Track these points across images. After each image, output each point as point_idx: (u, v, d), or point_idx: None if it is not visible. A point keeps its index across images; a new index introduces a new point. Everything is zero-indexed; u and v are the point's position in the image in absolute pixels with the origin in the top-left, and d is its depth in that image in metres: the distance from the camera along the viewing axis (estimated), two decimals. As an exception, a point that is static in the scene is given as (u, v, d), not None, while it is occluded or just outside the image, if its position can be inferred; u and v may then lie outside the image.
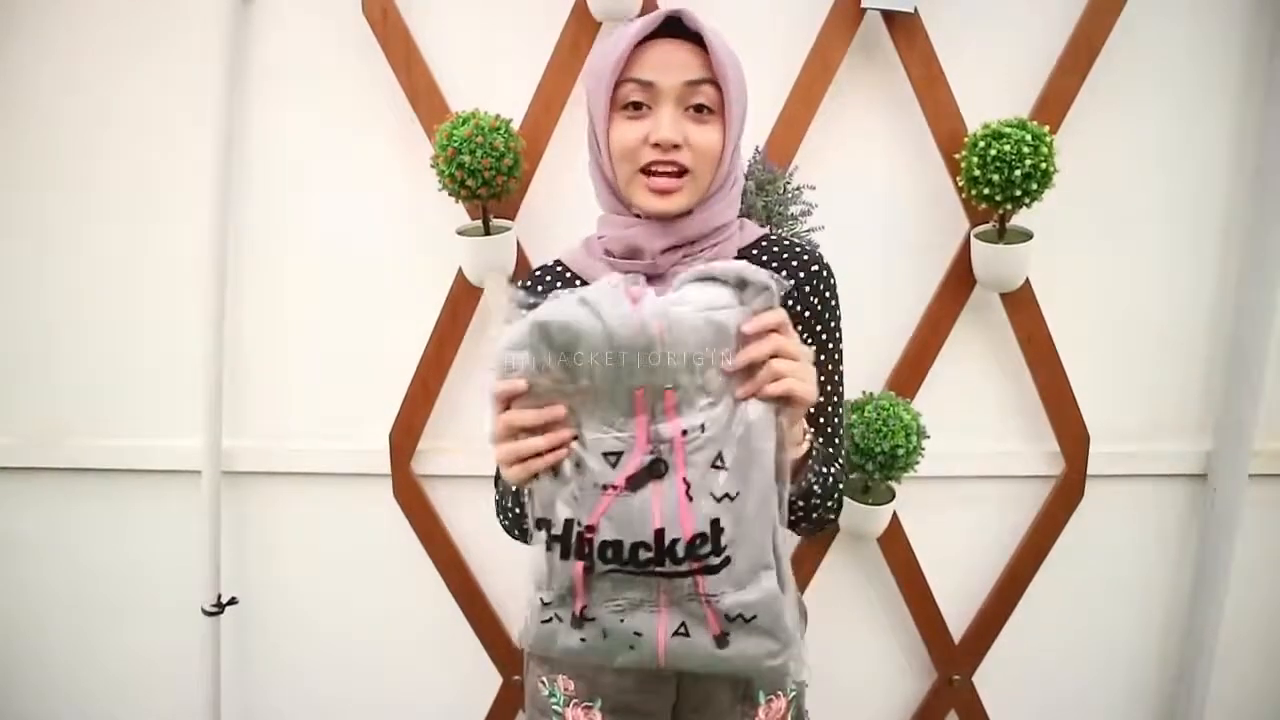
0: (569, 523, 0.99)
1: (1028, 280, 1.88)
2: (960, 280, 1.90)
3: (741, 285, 0.96)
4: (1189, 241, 1.96)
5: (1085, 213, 1.91)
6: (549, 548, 1.00)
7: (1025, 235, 1.80)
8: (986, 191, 1.70)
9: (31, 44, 1.89)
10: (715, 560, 0.98)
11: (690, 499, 0.97)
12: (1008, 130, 1.67)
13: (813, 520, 1.18)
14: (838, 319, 1.24)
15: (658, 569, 0.98)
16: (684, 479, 0.97)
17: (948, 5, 1.81)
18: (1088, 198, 1.90)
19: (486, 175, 1.66)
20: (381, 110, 1.88)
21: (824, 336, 1.21)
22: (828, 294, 1.22)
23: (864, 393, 1.86)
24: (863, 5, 1.75)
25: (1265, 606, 2.15)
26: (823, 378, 1.21)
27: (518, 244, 1.84)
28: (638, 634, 1.02)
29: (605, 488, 0.98)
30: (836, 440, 1.23)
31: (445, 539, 2.03)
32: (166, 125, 1.91)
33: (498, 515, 1.27)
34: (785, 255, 1.23)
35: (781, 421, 0.98)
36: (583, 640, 1.04)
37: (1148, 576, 2.15)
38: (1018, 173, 1.65)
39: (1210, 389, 2.04)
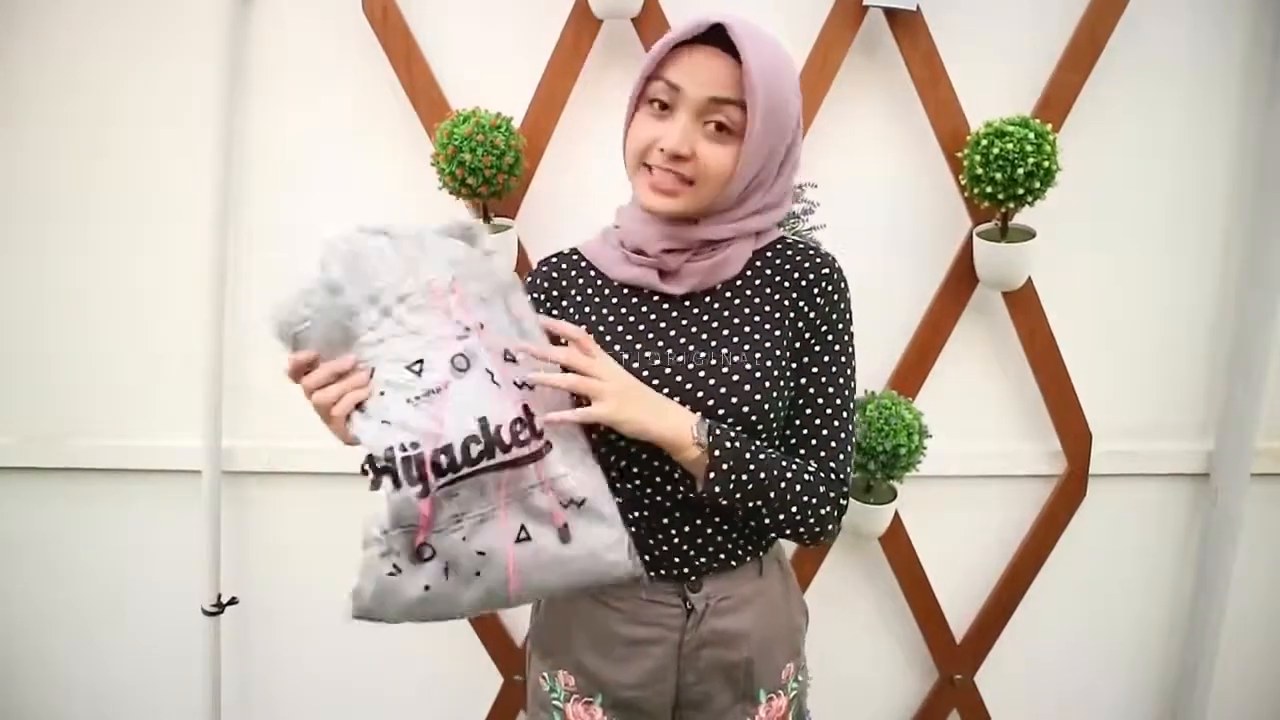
0: (390, 450, 1.02)
1: (1030, 279, 1.87)
2: (962, 279, 1.89)
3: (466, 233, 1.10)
4: (1191, 240, 1.96)
5: (1087, 211, 1.91)
6: (377, 485, 1.03)
7: (1028, 234, 1.80)
8: (989, 190, 1.69)
9: (31, 43, 1.88)
10: (536, 444, 1.02)
11: (498, 385, 1.02)
12: (1010, 128, 1.67)
13: (808, 528, 1.14)
14: (847, 325, 1.22)
15: (489, 462, 1.00)
16: (487, 369, 1.02)
17: (950, 3, 1.81)
18: (1090, 196, 1.90)
19: (487, 174, 1.65)
20: (382, 108, 1.87)
21: (830, 338, 1.20)
22: (836, 298, 1.20)
23: (866, 392, 1.86)
24: (865, 3, 1.75)
25: (1267, 605, 2.15)
26: (826, 382, 1.19)
27: (518, 242, 1.84)
28: (481, 554, 1.03)
29: (423, 395, 1.02)
30: (838, 450, 1.19)
31: (446, 539, 2.02)
32: (167, 124, 1.90)
33: None
34: (798, 258, 1.22)
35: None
36: (426, 588, 1.05)
37: (1150, 576, 2.15)
38: (1020, 171, 1.65)
39: (1212, 388, 2.03)
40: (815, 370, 1.19)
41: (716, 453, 1.08)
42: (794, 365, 1.18)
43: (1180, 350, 2.02)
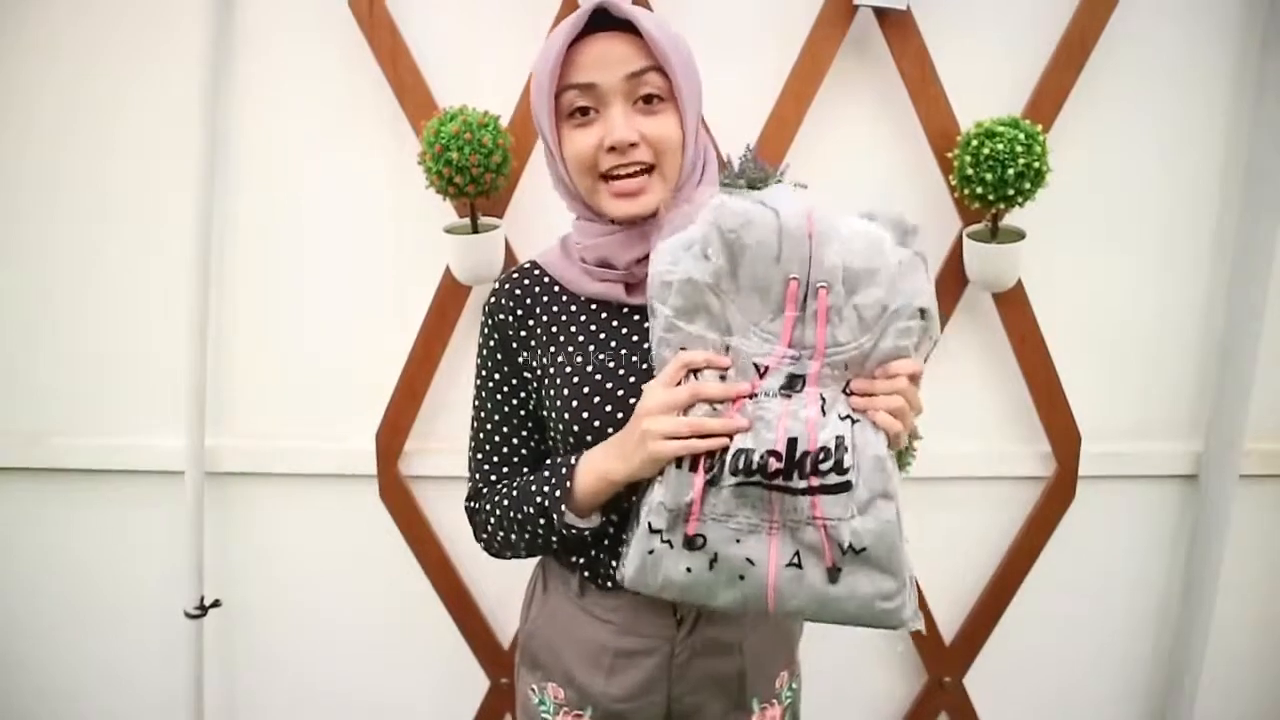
0: None
1: (1020, 280, 1.87)
2: (952, 279, 1.89)
3: (901, 229, 1.01)
4: (1180, 241, 1.96)
5: (1078, 212, 1.91)
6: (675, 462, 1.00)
7: (1018, 235, 1.79)
8: (979, 191, 1.68)
9: (14, 44, 1.86)
10: (837, 478, 0.96)
11: (824, 413, 0.97)
12: (1000, 129, 1.66)
13: None
14: None
15: (783, 483, 0.96)
16: (820, 393, 0.98)
17: (940, 3, 1.80)
18: (1080, 197, 1.89)
19: (475, 172, 1.64)
20: (367, 106, 1.85)
21: None
22: None
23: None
24: (854, 2, 1.74)
25: (1256, 607, 2.15)
26: None
27: (506, 242, 1.82)
28: (750, 561, 1.00)
29: (750, 397, 0.98)
30: None
31: (432, 540, 2.01)
32: (148, 121, 1.88)
33: (480, 534, 1.24)
34: None
35: None
36: (688, 570, 1.01)
37: (1139, 577, 2.15)
38: (1010, 172, 1.64)
39: (1201, 389, 2.03)
40: None
41: None
42: None
43: (1169, 352, 2.01)
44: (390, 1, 1.78)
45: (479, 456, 1.25)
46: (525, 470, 1.23)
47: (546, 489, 1.12)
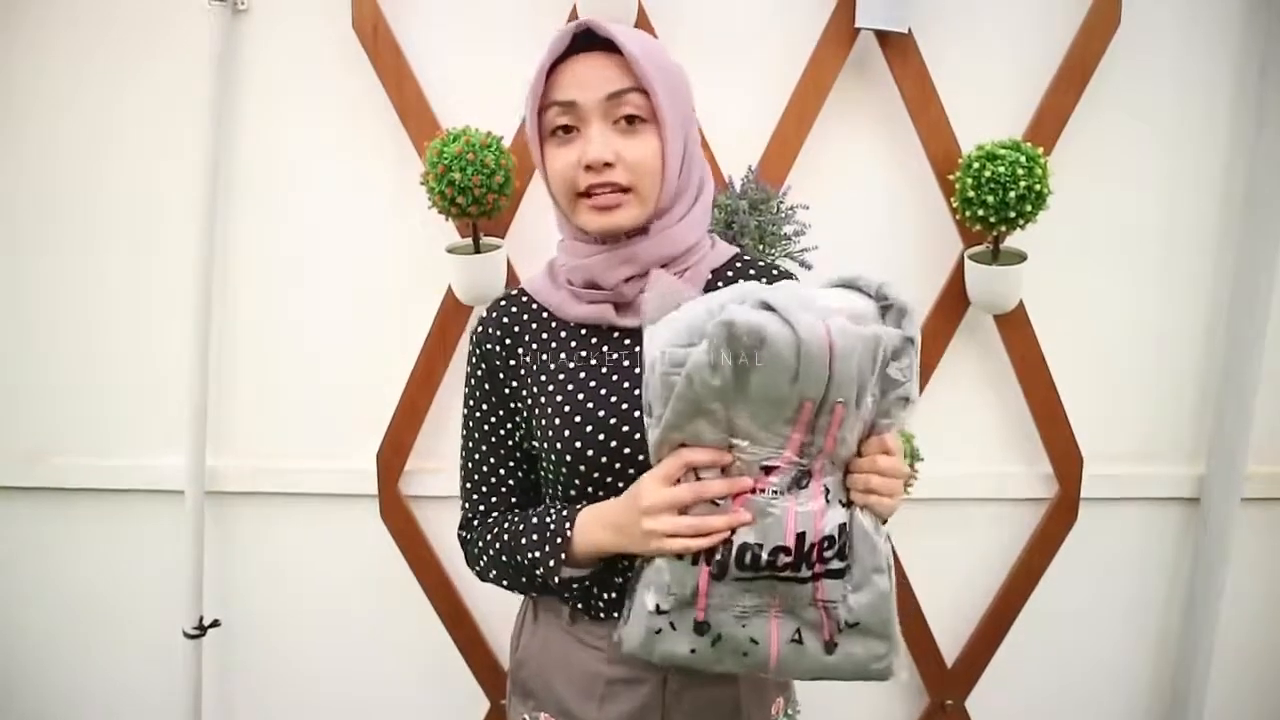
0: None
1: (1021, 302, 1.87)
2: (954, 301, 1.89)
3: (884, 304, 0.99)
4: (1182, 264, 1.96)
5: (1079, 235, 1.91)
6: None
7: (1019, 257, 1.80)
8: (981, 213, 1.69)
9: (24, 58, 1.87)
10: (839, 564, 0.99)
11: (827, 503, 0.98)
12: (1002, 152, 1.66)
13: None
14: None
15: (791, 574, 0.98)
16: (824, 486, 0.99)
17: (941, 25, 1.81)
18: (1082, 220, 1.90)
19: (477, 193, 1.64)
20: (371, 126, 1.86)
21: None
22: None
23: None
24: (856, 25, 1.75)
25: (1258, 630, 2.14)
26: None
27: (508, 262, 1.83)
28: (754, 640, 1.02)
29: (756, 478, 0.98)
30: None
31: (433, 561, 2.01)
32: (155, 143, 1.89)
33: (473, 565, 1.24)
34: (762, 278, 1.17)
35: None
36: (692, 651, 1.03)
37: (1141, 600, 2.14)
38: (1012, 194, 1.64)
39: (1203, 412, 2.03)
40: None
41: None
42: None
43: (1171, 374, 2.01)
44: (395, 23, 1.79)
45: (468, 486, 1.24)
46: (514, 501, 1.22)
47: (541, 552, 1.11)
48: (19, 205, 1.93)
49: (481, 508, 1.23)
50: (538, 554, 1.11)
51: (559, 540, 1.10)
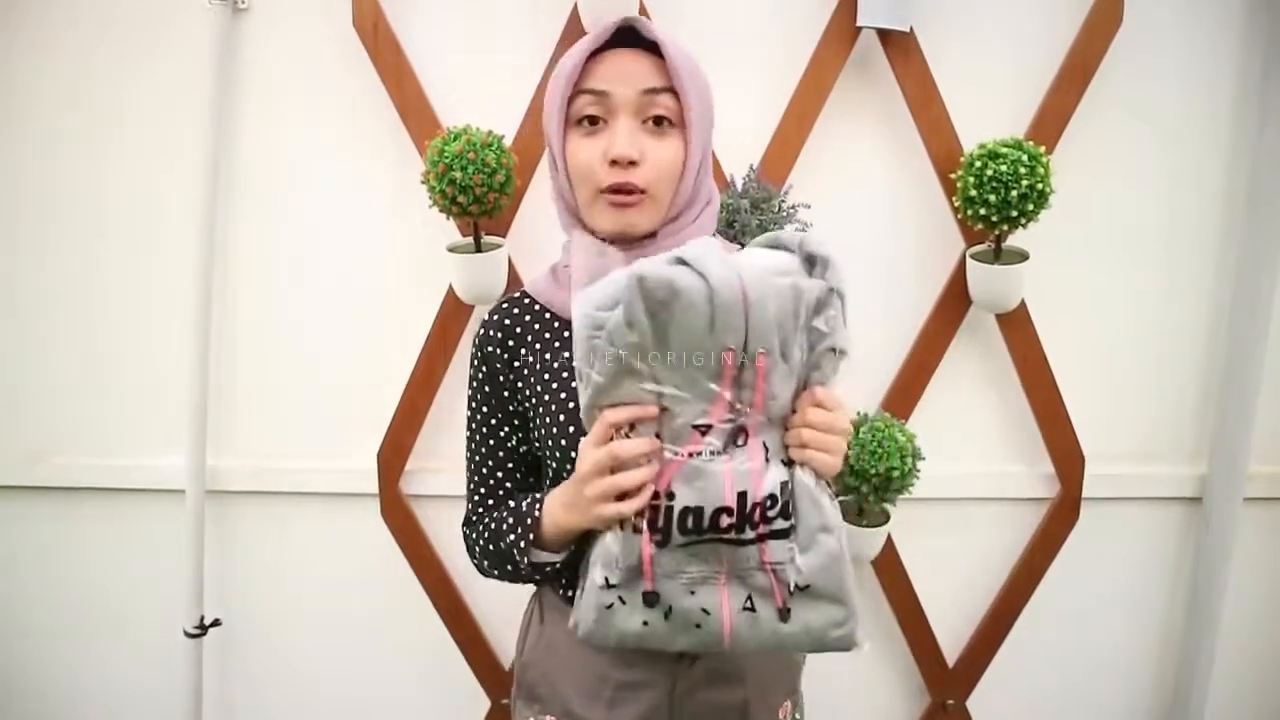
0: None
1: (1023, 301, 1.87)
2: (955, 301, 1.89)
3: (809, 259, 0.98)
4: (1184, 263, 1.96)
5: (1081, 234, 1.91)
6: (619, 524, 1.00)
7: (1021, 256, 1.79)
8: (982, 212, 1.68)
9: (25, 57, 1.87)
10: (784, 524, 0.98)
11: (767, 461, 0.97)
12: (1004, 150, 1.66)
13: None
14: None
15: (734, 536, 0.97)
16: (764, 442, 0.97)
17: (943, 24, 1.81)
18: (1083, 219, 1.90)
19: (478, 192, 1.64)
20: (372, 125, 1.86)
21: None
22: None
23: (859, 414, 1.84)
24: (858, 23, 1.74)
25: (1260, 630, 2.13)
26: None
27: (509, 261, 1.82)
28: (705, 611, 1.01)
29: (678, 454, 0.97)
30: None
31: (434, 560, 2.00)
32: (155, 141, 1.89)
33: (473, 559, 1.24)
34: None
35: None
36: (645, 624, 1.02)
37: (1143, 600, 2.13)
38: (1014, 193, 1.64)
39: (1205, 412, 2.03)
40: None
41: None
42: None
43: (1173, 374, 2.01)
44: (395, 22, 1.79)
45: (472, 486, 1.26)
46: (513, 503, 1.23)
47: (516, 535, 1.13)
48: (20, 204, 1.93)
49: (480, 508, 1.25)
50: (513, 538, 1.13)
51: (528, 522, 1.11)
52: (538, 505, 1.11)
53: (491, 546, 1.19)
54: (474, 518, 1.25)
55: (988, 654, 2.08)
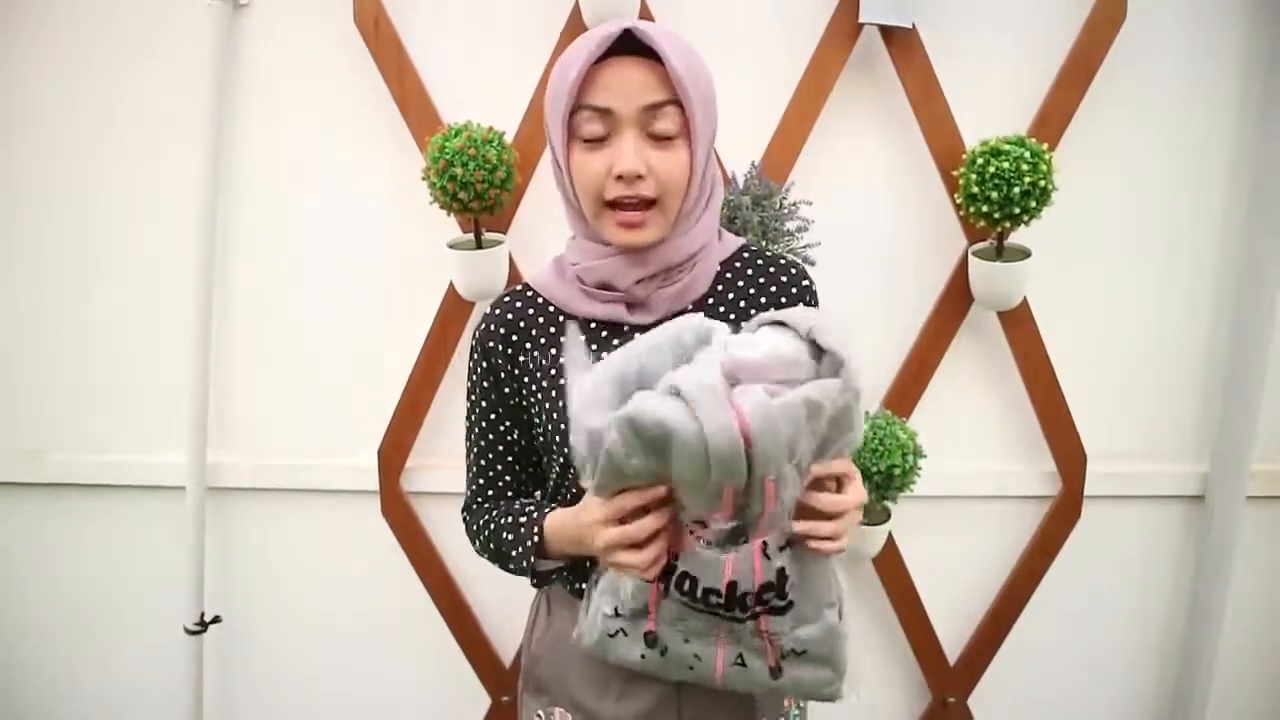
0: None
1: (1025, 299, 1.86)
2: (957, 298, 1.88)
3: (815, 347, 0.92)
4: (1186, 261, 1.95)
5: (1083, 231, 1.90)
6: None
7: (1023, 253, 1.79)
8: (985, 209, 1.68)
9: (25, 57, 1.86)
10: (780, 604, 0.97)
11: (767, 558, 0.95)
12: (1006, 147, 1.66)
13: None
14: None
15: (725, 614, 0.98)
16: (763, 541, 0.95)
17: (946, 21, 1.80)
18: (1086, 216, 1.89)
19: (479, 188, 1.63)
20: (372, 121, 1.85)
21: None
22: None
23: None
24: (860, 20, 1.74)
25: (1263, 628, 2.13)
26: None
27: (510, 258, 1.82)
28: (697, 657, 1.03)
29: (691, 526, 0.96)
30: None
31: (434, 557, 2.00)
32: (155, 137, 1.88)
33: (473, 542, 1.26)
34: (770, 269, 1.19)
35: None
36: (642, 656, 1.05)
37: (1144, 598, 2.13)
38: (1016, 190, 1.64)
39: (1208, 410, 2.02)
40: None
41: None
42: None
43: (1176, 371, 2.00)
44: (396, 18, 1.78)
45: (471, 474, 1.27)
46: (511, 495, 1.26)
47: (519, 550, 1.15)
48: (20, 203, 1.92)
49: (479, 499, 1.26)
50: (515, 553, 1.15)
51: (529, 544, 1.13)
52: (537, 526, 1.12)
53: (492, 545, 1.20)
54: (474, 505, 1.27)
55: (989, 652, 2.08)
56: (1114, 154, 1.89)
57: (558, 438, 1.13)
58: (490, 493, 1.25)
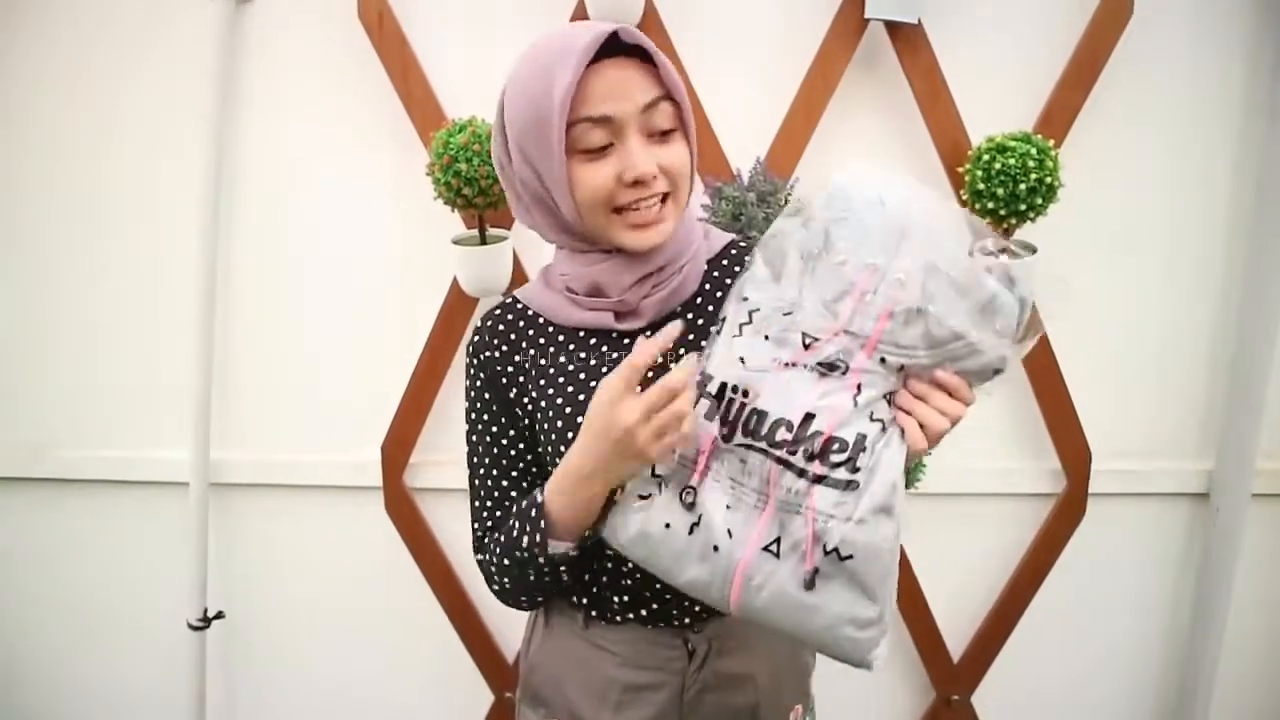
0: (723, 386, 0.96)
1: (1031, 296, 1.85)
2: (962, 295, 1.87)
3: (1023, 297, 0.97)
4: (1191, 258, 1.95)
5: (1089, 228, 1.90)
6: (695, 403, 0.96)
7: (1029, 250, 1.78)
8: (990, 206, 1.68)
9: (25, 52, 1.86)
10: (845, 476, 0.92)
11: (855, 404, 0.92)
12: (1012, 144, 1.65)
13: None
14: None
15: (786, 455, 0.92)
16: (859, 383, 0.92)
17: (951, 17, 1.79)
18: (1092, 213, 1.88)
19: (483, 184, 1.63)
20: (376, 117, 1.85)
21: None
22: None
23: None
24: (866, 16, 1.73)
25: (1267, 626, 2.13)
26: None
27: (514, 254, 1.82)
28: (729, 533, 0.95)
29: (784, 361, 0.94)
30: None
31: (437, 553, 2.00)
32: (158, 133, 1.88)
33: (492, 585, 1.17)
34: None
35: None
36: (667, 526, 0.97)
37: (1149, 596, 2.13)
38: (1022, 187, 1.63)
39: (1212, 407, 2.02)
40: None
41: None
42: None
43: (1180, 368, 2.00)
44: (400, 13, 1.78)
45: (477, 505, 1.20)
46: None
47: (528, 536, 1.06)
48: (24, 199, 1.92)
49: (490, 524, 1.18)
50: (525, 540, 1.07)
51: (533, 514, 1.05)
52: (539, 494, 1.06)
53: (508, 560, 1.11)
54: (487, 540, 1.17)
55: (993, 649, 2.08)
56: (1120, 150, 1.88)
57: (561, 448, 1.08)
58: (500, 514, 1.17)
